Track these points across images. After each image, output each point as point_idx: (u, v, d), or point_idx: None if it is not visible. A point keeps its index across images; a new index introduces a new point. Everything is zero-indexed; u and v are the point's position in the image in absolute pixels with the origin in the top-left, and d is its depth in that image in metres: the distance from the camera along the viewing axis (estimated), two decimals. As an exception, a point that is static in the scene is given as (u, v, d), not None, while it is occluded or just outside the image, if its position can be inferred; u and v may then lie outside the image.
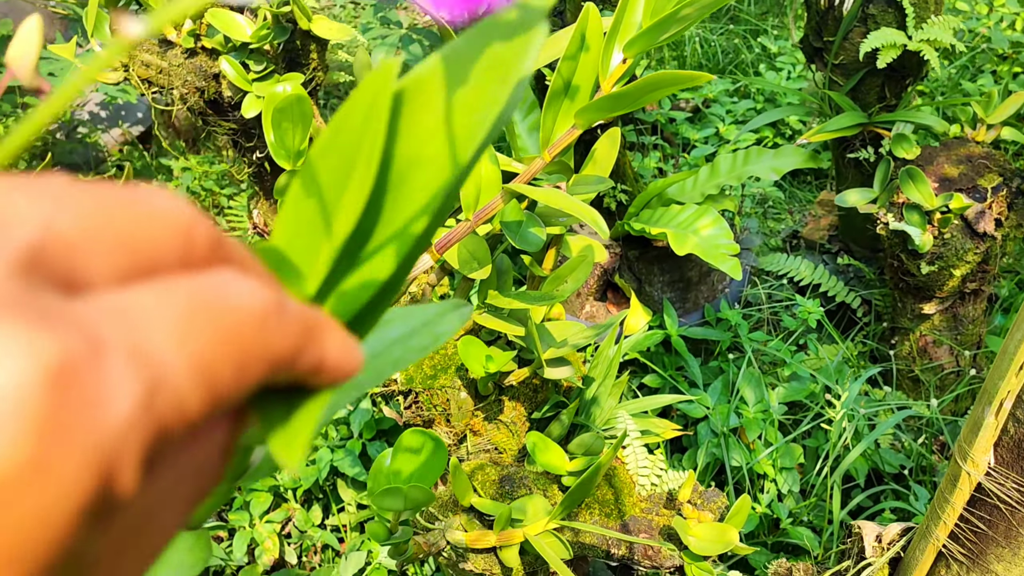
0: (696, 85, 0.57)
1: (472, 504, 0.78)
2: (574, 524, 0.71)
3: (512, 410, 0.94)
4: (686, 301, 1.63)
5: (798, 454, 1.37)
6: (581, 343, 0.84)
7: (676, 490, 0.90)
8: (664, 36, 0.57)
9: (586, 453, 0.85)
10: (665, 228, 1.33)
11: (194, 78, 1.11)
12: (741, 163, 1.51)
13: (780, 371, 1.54)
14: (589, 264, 0.94)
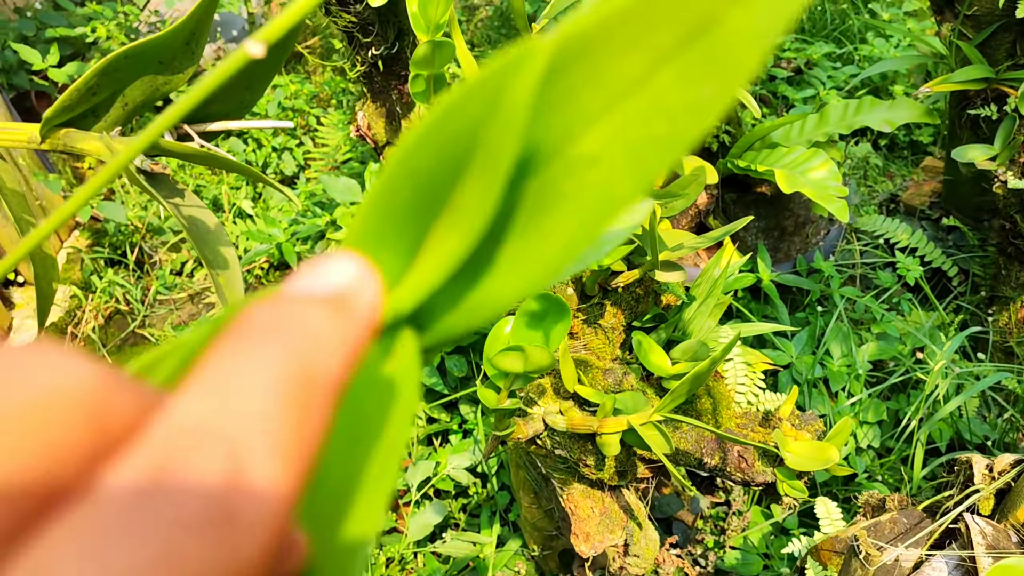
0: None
1: (576, 391, 0.78)
2: (678, 418, 0.71)
3: (612, 316, 0.94)
4: (778, 251, 1.61)
5: (881, 410, 1.35)
6: (695, 247, 0.84)
7: (772, 411, 0.90)
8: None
9: (689, 360, 0.84)
10: (772, 167, 1.31)
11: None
12: (853, 112, 1.47)
13: (868, 330, 1.51)
14: (701, 183, 0.93)
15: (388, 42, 1.21)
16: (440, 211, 0.19)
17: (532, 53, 0.16)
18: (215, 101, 0.48)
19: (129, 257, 2.07)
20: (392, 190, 0.19)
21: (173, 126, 0.50)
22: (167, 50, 0.50)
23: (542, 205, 0.18)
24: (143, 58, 0.49)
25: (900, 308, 1.55)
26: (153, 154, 0.48)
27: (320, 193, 2.03)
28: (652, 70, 0.16)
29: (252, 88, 0.49)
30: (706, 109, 0.16)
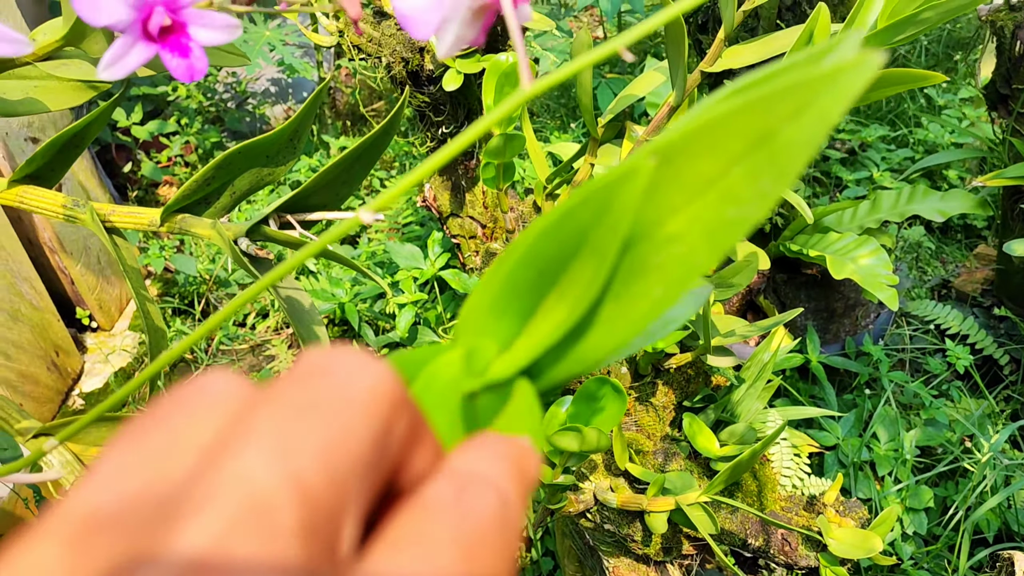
0: (929, 84, 0.59)
1: (627, 469, 0.82)
2: (724, 500, 0.74)
3: (664, 395, 0.97)
4: (827, 332, 1.63)
5: (928, 497, 1.35)
6: (747, 335, 0.87)
7: (817, 496, 0.92)
8: (899, 37, 0.60)
9: (737, 443, 0.87)
10: (823, 252, 1.34)
11: (402, 49, 1.19)
12: (905, 200, 1.50)
13: (916, 415, 1.51)
14: (753, 269, 0.97)
15: (458, 121, 1.28)
16: (550, 289, 0.24)
17: (637, 170, 0.21)
18: (315, 194, 0.54)
19: (196, 308, 2.15)
20: (516, 272, 0.24)
21: (276, 215, 0.56)
22: (273, 146, 0.56)
23: (633, 275, 0.23)
24: (252, 154, 0.55)
25: (950, 394, 1.55)
26: (258, 239, 0.54)
27: (381, 254, 2.10)
28: (727, 169, 0.21)
29: (349, 183, 0.55)
30: (766, 197, 0.21)
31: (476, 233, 1.34)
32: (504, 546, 0.17)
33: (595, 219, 0.22)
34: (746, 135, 0.21)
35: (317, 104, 0.56)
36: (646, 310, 0.23)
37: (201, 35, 0.31)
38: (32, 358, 1.72)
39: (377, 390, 0.17)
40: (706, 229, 0.22)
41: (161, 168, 2.42)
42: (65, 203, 0.53)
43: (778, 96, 0.20)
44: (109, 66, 0.29)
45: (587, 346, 0.24)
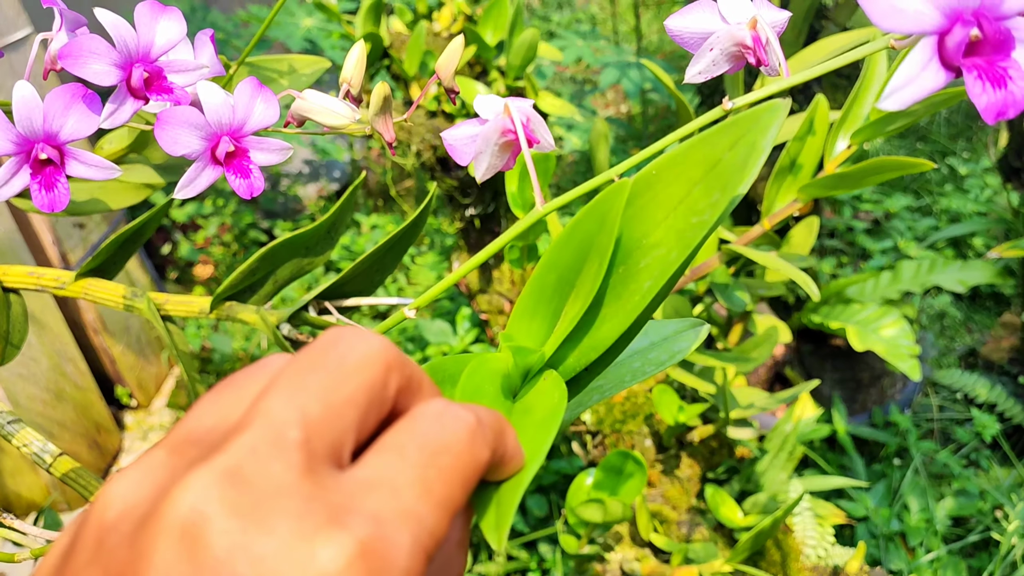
0: (919, 171, 0.63)
1: (651, 540, 0.84)
2: (748, 569, 0.76)
3: (688, 467, 0.99)
4: (854, 402, 1.64)
5: (961, 568, 1.35)
6: (767, 407, 0.90)
7: (841, 566, 0.93)
8: (891, 127, 0.64)
9: (760, 512, 0.89)
10: (845, 324, 1.36)
11: (431, 137, 1.25)
12: (926, 271, 1.53)
13: (947, 485, 1.51)
14: (773, 342, 1.00)
15: (484, 203, 1.33)
16: (571, 290, 0.31)
17: (622, 187, 0.29)
18: (350, 282, 0.59)
19: (231, 385, 2.20)
20: (542, 279, 0.31)
21: (315, 303, 0.60)
22: (313, 239, 0.61)
23: (629, 277, 0.30)
24: (294, 246, 0.60)
25: (979, 464, 1.55)
26: (299, 324, 0.58)
27: (411, 330, 2.15)
28: (690, 190, 0.29)
29: (382, 271, 0.59)
30: (717, 206, 0.28)
31: (503, 309, 1.38)
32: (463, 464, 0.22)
33: (598, 226, 0.29)
34: (701, 164, 0.29)
35: (353, 199, 0.61)
36: (639, 299, 0.30)
37: (259, 158, 0.36)
38: (74, 436, 1.77)
39: (370, 354, 0.23)
40: (678, 234, 0.29)
41: (197, 249, 2.50)
42: (125, 294, 0.58)
43: (719, 133, 0.28)
44: (184, 187, 0.34)
45: (598, 335, 0.31)
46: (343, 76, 0.39)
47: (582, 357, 0.32)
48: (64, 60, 0.31)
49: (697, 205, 0.29)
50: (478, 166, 0.32)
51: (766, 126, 0.28)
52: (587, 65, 3.45)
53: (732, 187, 0.28)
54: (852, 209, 2.54)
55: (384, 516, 0.20)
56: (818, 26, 1.42)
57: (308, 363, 0.22)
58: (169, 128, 0.33)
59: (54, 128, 0.33)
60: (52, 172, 0.33)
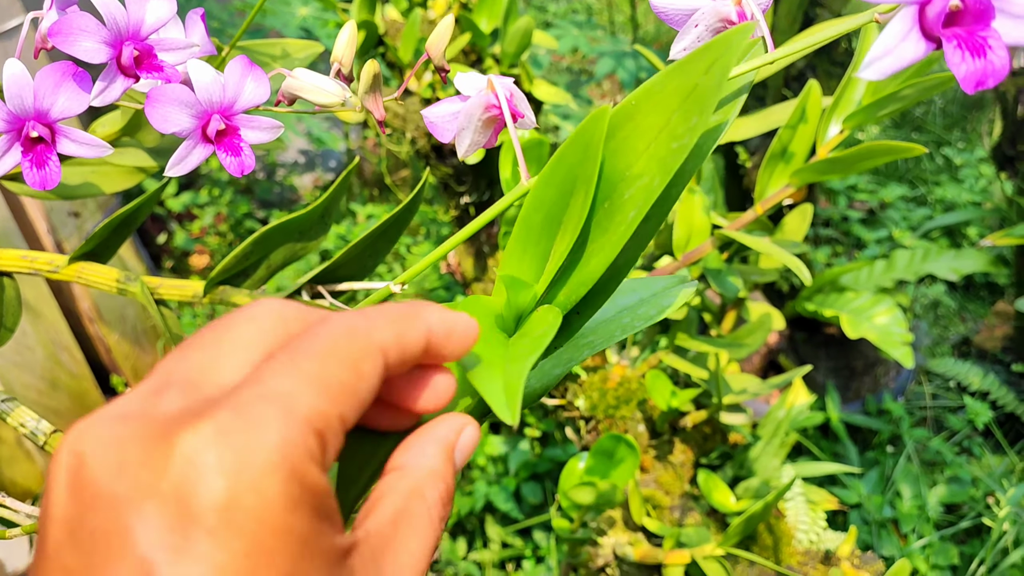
0: (910, 156, 0.64)
1: (644, 524, 0.84)
2: (739, 552, 0.76)
3: (681, 453, 1.00)
4: (848, 390, 1.65)
5: (954, 555, 1.35)
6: (759, 393, 0.90)
7: (833, 550, 0.94)
8: (883, 112, 0.64)
9: (752, 497, 0.90)
10: (839, 312, 1.37)
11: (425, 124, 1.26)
12: (920, 260, 1.53)
13: (939, 472, 1.52)
14: (767, 329, 1.01)
15: (480, 191, 1.33)
16: (559, 227, 0.31)
17: (602, 114, 0.29)
18: (343, 267, 0.59)
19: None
20: (529, 218, 0.31)
21: (308, 286, 0.61)
22: (306, 223, 0.62)
23: (614, 210, 0.31)
24: (287, 230, 0.60)
25: (972, 451, 1.56)
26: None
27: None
28: (669, 117, 0.29)
29: (375, 256, 0.60)
30: (695, 129, 0.29)
31: (499, 298, 1.38)
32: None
33: (581, 156, 0.30)
34: (678, 91, 0.29)
35: (346, 184, 0.61)
36: (624, 229, 0.30)
37: (250, 136, 0.36)
38: (70, 424, 1.77)
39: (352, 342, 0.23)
40: (660, 162, 0.30)
41: (193, 239, 2.50)
42: (118, 277, 0.59)
43: (694, 59, 0.29)
44: (174, 165, 0.34)
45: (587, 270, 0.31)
46: (334, 55, 0.39)
47: (572, 293, 0.32)
48: (54, 37, 0.32)
49: (676, 131, 0.29)
50: (460, 143, 0.32)
51: (737, 46, 0.29)
52: (583, 55, 3.45)
53: (708, 108, 0.29)
54: (847, 199, 2.54)
55: (245, 400, 0.21)
56: (813, 14, 1.42)
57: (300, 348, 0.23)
58: (159, 106, 0.33)
59: (45, 106, 0.33)
60: (43, 150, 0.34)
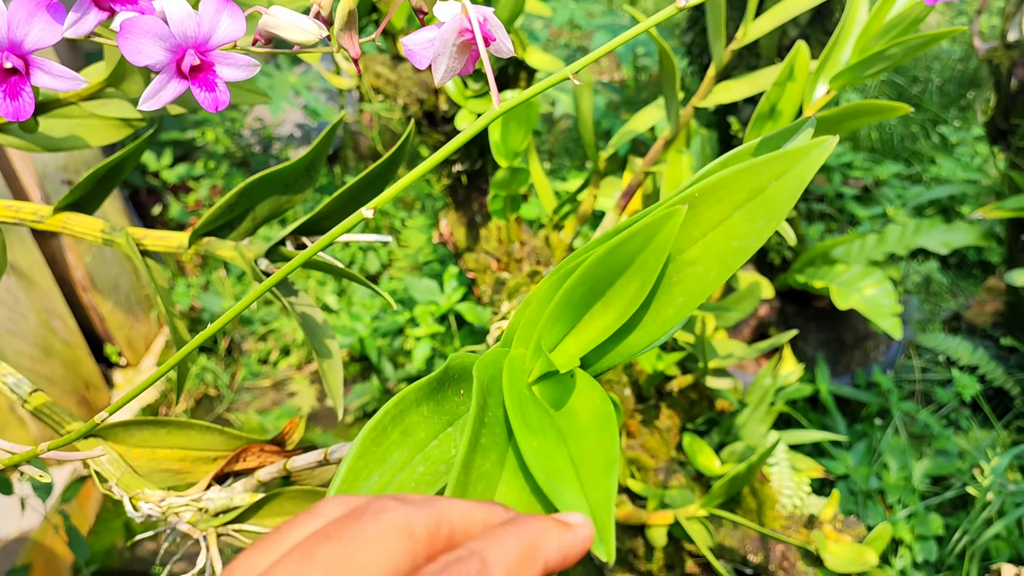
0: (895, 116, 0.64)
1: (627, 485, 0.85)
2: (722, 513, 0.77)
3: (668, 418, 1.00)
4: (838, 364, 1.65)
5: (937, 525, 1.37)
6: (745, 357, 0.91)
7: (816, 515, 0.95)
8: (870, 71, 0.64)
9: (736, 461, 0.90)
10: (829, 283, 1.37)
11: (418, 91, 1.25)
12: (911, 233, 1.54)
13: (927, 445, 1.53)
14: (756, 298, 1.01)
15: (472, 159, 1.33)
16: (597, 301, 0.32)
17: (678, 211, 0.30)
18: (327, 218, 0.59)
19: (220, 345, 2.21)
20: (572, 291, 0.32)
21: (293, 237, 0.61)
22: (291, 175, 0.62)
23: (662, 290, 0.32)
24: (272, 182, 0.60)
25: (959, 424, 1.57)
26: (276, 260, 0.59)
27: (401, 291, 2.15)
28: (730, 213, 0.30)
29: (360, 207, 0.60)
30: (762, 233, 0.30)
31: (490, 267, 1.39)
32: None
33: (643, 245, 0.30)
34: (744, 190, 0.30)
35: (333, 136, 0.61)
36: (672, 314, 0.31)
37: (225, 72, 0.36)
38: (63, 392, 1.78)
39: (391, 526, 0.24)
40: (717, 255, 0.30)
41: (188, 211, 2.50)
42: (103, 228, 0.59)
43: (767, 164, 0.29)
44: (148, 99, 0.34)
45: (628, 343, 0.32)
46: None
47: (606, 363, 0.33)
48: (28, -33, 0.32)
49: (738, 229, 0.30)
50: (436, 69, 0.32)
51: (815, 161, 0.29)
52: (581, 31, 3.43)
53: (778, 216, 0.29)
54: (842, 176, 2.54)
55: None
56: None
57: (328, 532, 0.24)
58: (133, 37, 0.33)
59: (18, 36, 0.33)
60: (17, 81, 0.34)
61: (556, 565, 0.25)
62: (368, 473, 0.29)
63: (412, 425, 0.30)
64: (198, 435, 0.45)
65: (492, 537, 0.25)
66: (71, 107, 0.62)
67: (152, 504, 0.40)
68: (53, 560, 1.47)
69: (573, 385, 0.33)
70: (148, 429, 0.44)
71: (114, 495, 0.40)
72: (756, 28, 0.72)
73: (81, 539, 1.31)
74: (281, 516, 0.41)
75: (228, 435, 0.45)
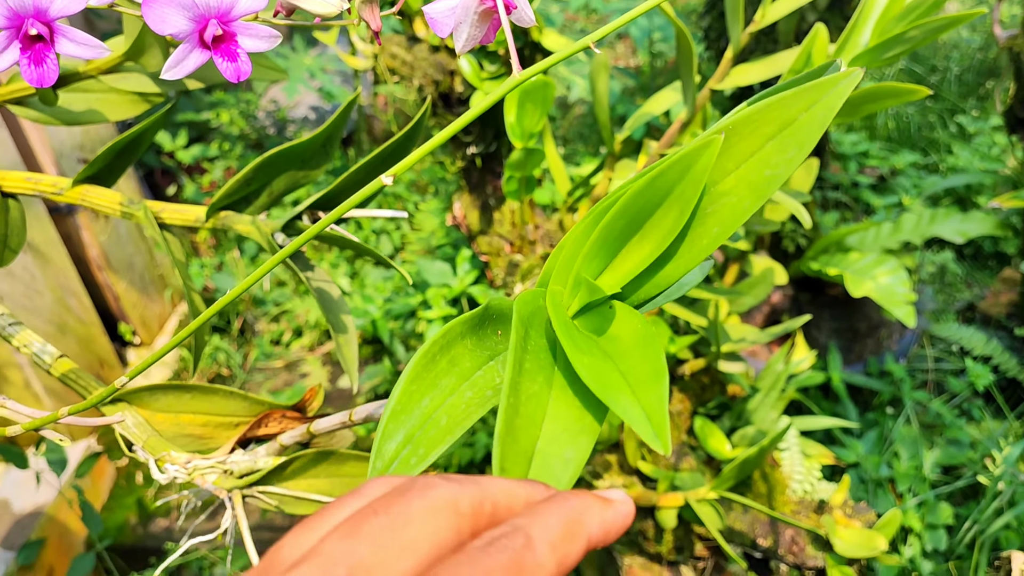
0: (914, 99, 0.64)
1: (638, 467, 0.85)
2: (732, 496, 0.77)
3: (679, 402, 1.01)
4: (850, 352, 1.65)
5: (947, 514, 1.36)
6: (758, 341, 0.91)
7: (826, 500, 0.95)
8: (888, 54, 0.64)
9: (747, 445, 0.90)
10: (843, 271, 1.37)
11: (433, 71, 1.25)
12: (927, 222, 1.53)
13: (938, 434, 1.53)
14: (769, 284, 1.01)
15: (487, 142, 1.33)
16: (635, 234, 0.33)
17: (712, 143, 0.31)
18: (343, 193, 0.59)
19: (233, 325, 2.22)
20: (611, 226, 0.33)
21: (310, 212, 0.61)
22: (308, 151, 0.62)
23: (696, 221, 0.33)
24: (289, 157, 0.61)
25: (972, 414, 1.56)
26: (292, 234, 0.59)
27: (414, 274, 2.16)
28: (763, 144, 0.31)
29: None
30: (792, 161, 0.30)
31: (503, 250, 1.39)
32: None
33: (680, 176, 0.31)
34: (776, 122, 0.31)
35: (350, 112, 0.61)
36: (706, 244, 0.32)
37: (247, 43, 0.36)
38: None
39: (436, 501, 0.24)
40: (750, 185, 0.32)
41: (203, 192, 2.51)
42: (122, 201, 0.59)
43: (797, 96, 0.30)
44: (171, 68, 0.34)
45: (664, 273, 0.34)
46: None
47: (643, 294, 0.34)
48: (53, -67, 0.32)
49: (770, 159, 0.31)
50: (458, 37, 0.32)
51: (843, 92, 0.30)
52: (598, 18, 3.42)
53: (808, 145, 0.30)
54: (858, 165, 2.53)
55: None
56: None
57: (375, 508, 0.24)
58: (157, 6, 0.33)
59: (44, 4, 0.33)
60: (42, 48, 0.34)
61: (598, 540, 0.26)
62: (420, 396, 0.30)
63: (458, 356, 0.32)
64: (221, 400, 0.45)
65: (535, 513, 0.25)
66: (90, 81, 0.62)
67: (178, 466, 0.40)
68: (67, 534, 1.49)
69: (612, 315, 0.34)
70: (173, 394, 0.45)
71: (139, 458, 0.41)
72: (775, 10, 0.72)
73: (95, 514, 1.33)
74: (305, 478, 0.42)
75: (251, 400, 0.46)
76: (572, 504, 0.26)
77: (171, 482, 0.40)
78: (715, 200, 0.32)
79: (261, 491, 0.41)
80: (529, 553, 0.24)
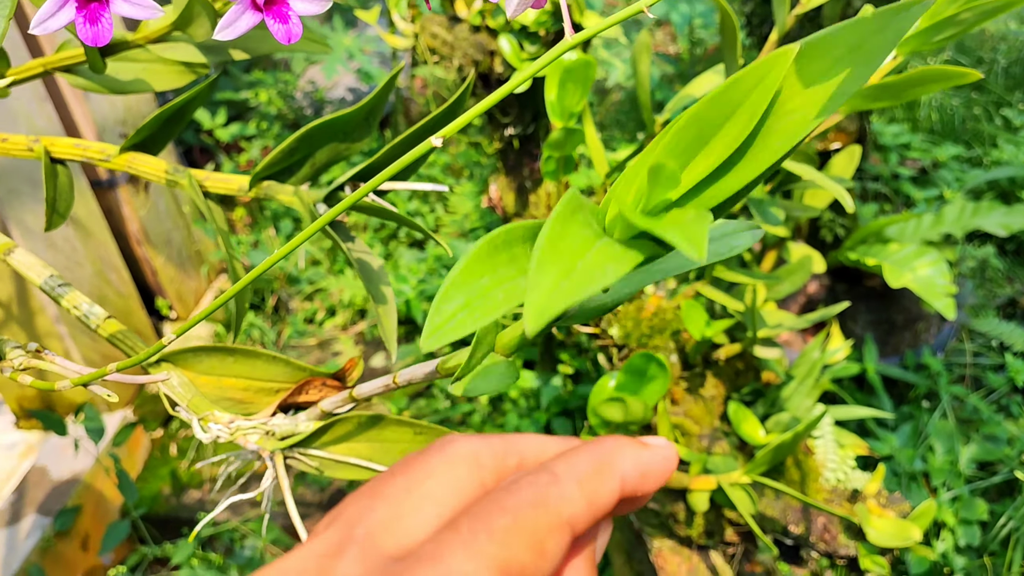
0: (962, 83, 0.63)
1: (671, 449, 0.85)
2: (766, 481, 0.77)
3: (713, 387, 1.00)
4: (887, 345, 1.63)
5: (982, 510, 1.35)
6: (794, 327, 0.90)
7: (860, 490, 0.94)
8: (939, 37, 0.63)
9: (781, 432, 0.90)
10: (881, 261, 1.35)
11: (473, 52, 1.25)
12: (970, 214, 1.50)
13: (975, 430, 1.51)
14: (807, 271, 1.00)
15: (525, 123, 1.33)
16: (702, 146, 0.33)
17: (788, 52, 0.31)
18: (386, 164, 0.59)
19: (267, 303, 2.24)
20: (684, 131, 0.33)
21: (352, 184, 0.61)
22: (350, 124, 0.62)
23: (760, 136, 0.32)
24: (332, 129, 0.61)
25: (1010, 410, 1.54)
26: (334, 204, 0.59)
27: (447, 257, 2.16)
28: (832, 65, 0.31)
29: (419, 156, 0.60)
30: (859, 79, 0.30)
31: (539, 232, 1.38)
32: (538, 524, 0.22)
33: (755, 85, 0.31)
34: (845, 43, 0.31)
35: (392, 85, 0.62)
36: (767, 156, 0.32)
37: (298, 5, 0.36)
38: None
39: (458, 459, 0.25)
40: (816, 103, 0.31)
41: (239, 170, 2.53)
42: (167, 168, 0.60)
43: (868, 20, 0.31)
44: (223, 28, 0.35)
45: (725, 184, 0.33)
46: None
47: (702, 205, 0.34)
48: None
49: (838, 78, 0.31)
50: (509, 2, 0.32)
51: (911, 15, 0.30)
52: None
53: (873, 65, 0.31)
54: (899, 156, 2.49)
55: None
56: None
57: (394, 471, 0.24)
58: (211, -34, 0.33)
59: (100, -37, 0.34)
60: (97, 8, 0.34)
61: (635, 482, 0.25)
62: (479, 275, 0.30)
63: (518, 255, 0.32)
64: (264, 364, 0.46)
65: (563, 456, 0.25)
66: (137, 50, 0.63)
67: (221, 425, 0.41)
68: (102, 502, 1.52)
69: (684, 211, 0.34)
70: (216, 356, 0.45)
71: (182, 417, 0.42)
72: (823, -9, 0.71)
73: (130, 482, 1.35)
74: (346, 442, 0.42)
75: (293, 366, 0.46)
76: (604, 445, 0.26)
77: (213, 442, 0.41)
78: (780, 118, 0.33)
79: (302, 453, 0.42)
80: (555, 488, 0.23)
